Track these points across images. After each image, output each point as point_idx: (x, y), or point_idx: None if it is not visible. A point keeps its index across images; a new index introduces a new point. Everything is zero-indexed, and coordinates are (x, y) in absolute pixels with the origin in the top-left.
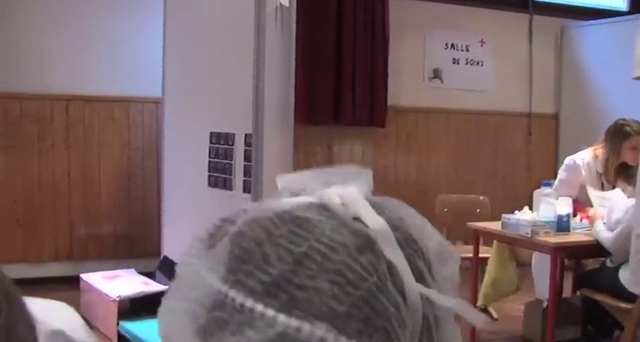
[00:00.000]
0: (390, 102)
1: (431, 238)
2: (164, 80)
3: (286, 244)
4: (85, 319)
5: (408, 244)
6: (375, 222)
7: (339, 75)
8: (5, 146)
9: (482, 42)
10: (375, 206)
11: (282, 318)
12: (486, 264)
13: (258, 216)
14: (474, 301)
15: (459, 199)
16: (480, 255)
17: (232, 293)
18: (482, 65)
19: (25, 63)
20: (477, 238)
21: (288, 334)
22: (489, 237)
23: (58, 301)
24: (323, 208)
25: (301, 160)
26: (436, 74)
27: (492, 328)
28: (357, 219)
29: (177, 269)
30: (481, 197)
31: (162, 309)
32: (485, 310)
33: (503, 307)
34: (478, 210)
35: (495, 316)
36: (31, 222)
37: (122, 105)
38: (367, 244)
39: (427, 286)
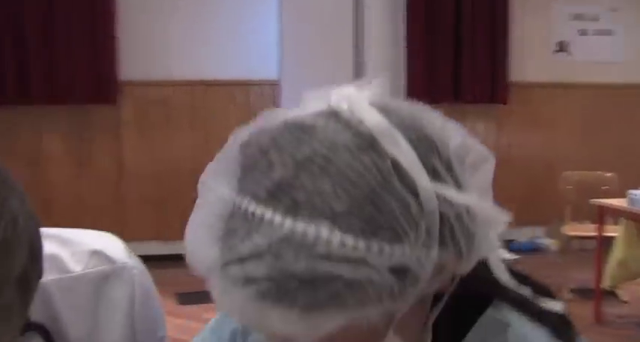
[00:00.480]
0: (513, 78)
1: (453, 137)
2: (281, 62)
3: (290, 150)
4: None
5: (422, 142)
6: (376, 122)
7: (458, 52)
8: (135, 130)
9: (613, 10)
10: (386, 108)
11: (287, 221)
12: (613, 243)
13: (267, 125)
14: (599, 281)
15: (584, 175)
16: (606, 234)
17: (240, 201)
18: (613, 35)
19: (150, 51)
20: (601, 215)
21: (294, 237)
22: (615, 214)
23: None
24: (332, 114)
25: None
26: (562, 47)
27: (620, 312)
28: (362, 122)
29: (199, 187)
30: (608, 174)
31: (188, 226)
32: (612, 293)
33: (633, 290)
34: (606, 187)
35: (624, 298)
36: (160, 202)
37: (242, 88)
38: (369, 143)
39: (446, 184)
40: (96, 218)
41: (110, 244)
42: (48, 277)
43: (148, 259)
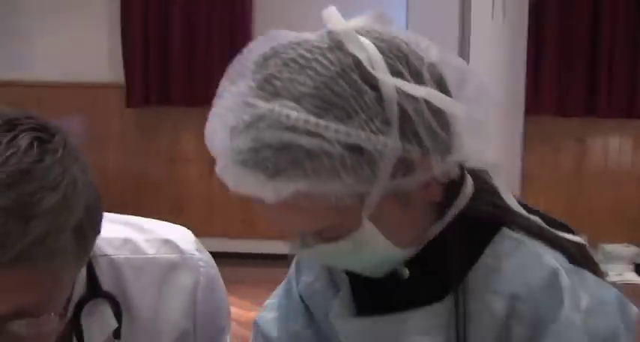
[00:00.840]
0: None
1: (428, 53)
2: None
3: (282, 55)
4: None
5: (392, 53)
6: (342, 26)
7: (593, 62)
8: None
9: None
10: (369, 30)
11: (266, 103)
12: None
13: (279, 42)
14: None
15: None
16: None
17: (241, 93)
18: None
19: None
20: None
21: (269, 114)
22: None
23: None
24: (325, 33)
25: (549, 153)
26: None
27: None
28: (339, 34)
29: (219, 88)
30: None
31: (208, 118)
32: None
33: None
34: None
35: None
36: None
37: None
38: (337, 44)
39: (407, 82)
40: (225, 217)
41: (182, 236)
42: (121, 255)
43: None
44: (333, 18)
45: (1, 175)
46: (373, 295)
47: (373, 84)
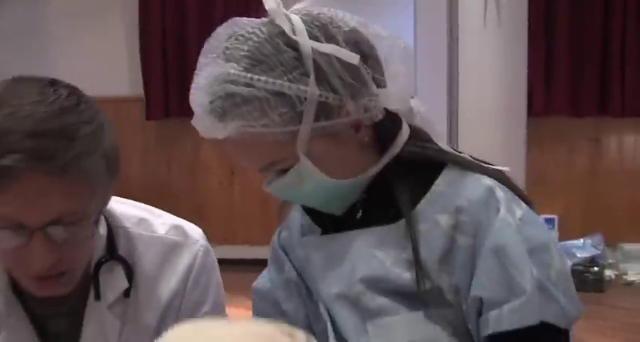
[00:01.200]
0: None
1: (347, 23)
2: (416, 82)
3: (236, 33)
4: None
5: (313, 23)
6: (272, 6)
7: (605, 61)
8: None
9: None
10: (303, 11)
11: (221, 66)
12: None
13: (238, 26)
14: None
15: None
16: None
17: (211, 63)
18: None
19: None
20: None
21: (221, 72)
22: None
23: None
24: (268, 13)
25: (564, 153)
26: None
27: None
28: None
29: (198, 64)
30: None
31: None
32: None
33: None
34: None
35: None
36: None
37: None
38: (270, 20)
39: (320, 43)
40: (245, 224)
41: (191, 226)
42: (136, 230)
43: None
44: (269, 1)
45: (52, 109)
46: (335, 222)
47: (294, 46)
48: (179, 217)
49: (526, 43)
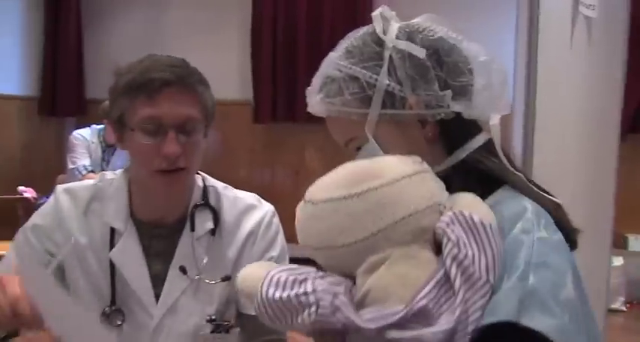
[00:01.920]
0: None
1: (435, 35)
2: (514, 91)
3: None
4: None
5: (405, 29)
6: (375, 13)
7: None
8: None
9: None
10: (409, 23)
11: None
12: None
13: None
14: None
15: None
16: None
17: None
18: None
19: None
20: None
21: (331, 61)
22: None
23: None
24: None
25: None
26: None
27: None
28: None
29: None
30: None
31: None
32: None
33: None
34: None
35: None
36: None
37: None
38: (373, 28)
39: (400, 42)
40: None
41: (267, 202)
42: (223, 191)
43: None
44: (376, 12)
45: (177, 61)
46: None
47: (379, 43)
48: (281, 219)
49: (623, 64)
